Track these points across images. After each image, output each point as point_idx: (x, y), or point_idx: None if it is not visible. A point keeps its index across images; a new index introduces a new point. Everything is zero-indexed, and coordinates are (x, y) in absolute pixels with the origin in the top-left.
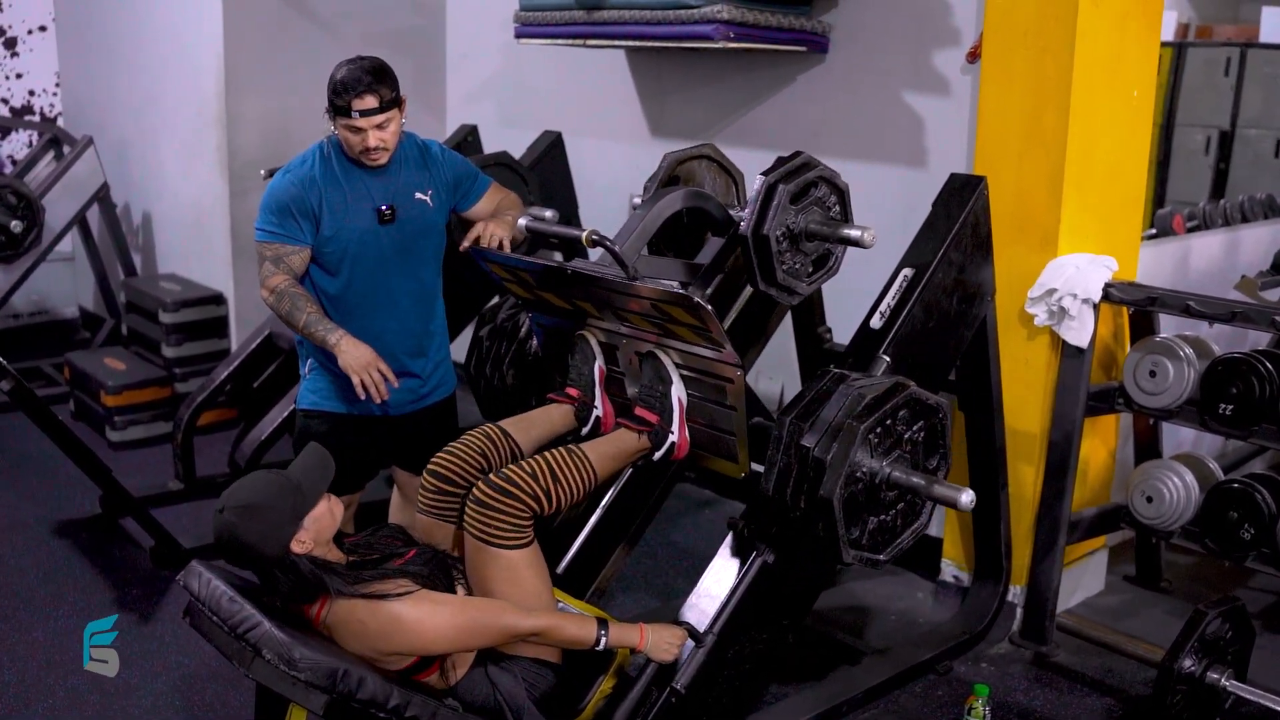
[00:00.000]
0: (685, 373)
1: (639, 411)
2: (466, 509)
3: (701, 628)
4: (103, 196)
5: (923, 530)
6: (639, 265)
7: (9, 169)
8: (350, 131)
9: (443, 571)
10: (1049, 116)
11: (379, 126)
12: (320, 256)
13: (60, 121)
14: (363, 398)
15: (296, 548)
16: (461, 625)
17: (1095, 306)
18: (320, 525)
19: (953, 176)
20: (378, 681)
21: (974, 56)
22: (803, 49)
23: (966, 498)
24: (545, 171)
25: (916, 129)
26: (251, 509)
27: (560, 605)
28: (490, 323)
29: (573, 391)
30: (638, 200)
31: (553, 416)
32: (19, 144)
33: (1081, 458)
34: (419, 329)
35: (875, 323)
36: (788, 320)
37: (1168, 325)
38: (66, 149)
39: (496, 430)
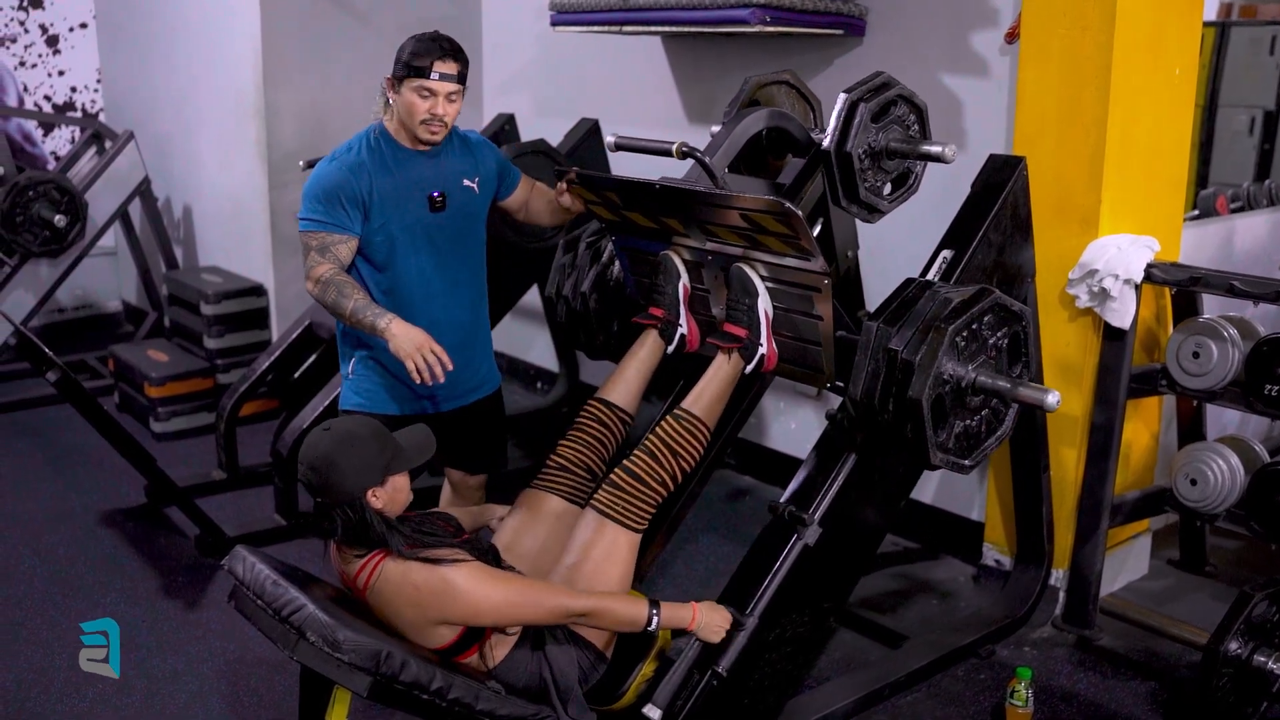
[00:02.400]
0: (771, 285)
1: (727, 327)
2: (601, 489)
3: (743, 610)
4: (144, 190)
5: (1005, 437)
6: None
7: (52, 165)
8: (420, 96)
9: (493, 558)
10: (1089, 96)
11: (449, 98)
12: (368, 247)
13: (101, 117)
14: (417, 381)
15: (371, 500)
16: (514, 599)
17: (1137, 287)
18: (397, 494)
19: (992, 157)
20: (421, 664)
21: (1012, 37)
22: (839, 31)
23: (1053, 398)
24: (582, 159)
25: (955, 110)
26: (354, 440)
27: None
28: (573, 250)
29: (657, 311)
30: (715, 128)
31: (641, 357)
32: (62, 140)
33: (1124, 440)
34: (468, 319)
35: None
36: None
37: (1211, 306)
38: (108, 144)
39: (601, 407)
